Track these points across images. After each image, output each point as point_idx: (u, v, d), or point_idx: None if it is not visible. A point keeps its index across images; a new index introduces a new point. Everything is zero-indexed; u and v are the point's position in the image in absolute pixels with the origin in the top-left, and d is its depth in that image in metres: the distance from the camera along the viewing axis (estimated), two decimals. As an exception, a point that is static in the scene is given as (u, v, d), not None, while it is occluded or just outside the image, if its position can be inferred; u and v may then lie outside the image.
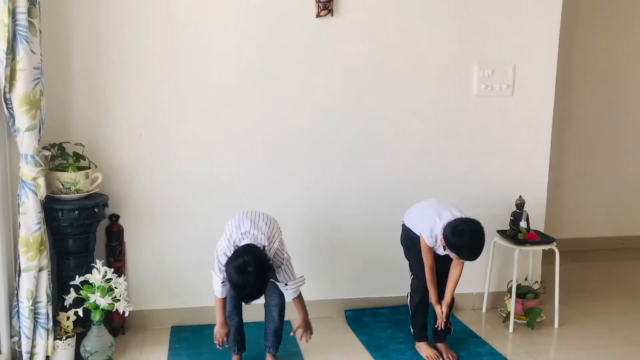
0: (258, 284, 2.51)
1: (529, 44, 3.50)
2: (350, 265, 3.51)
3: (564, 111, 4.41)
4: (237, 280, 2.49)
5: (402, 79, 3.39)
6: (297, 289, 2.78)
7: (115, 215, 3.20)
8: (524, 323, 3.40)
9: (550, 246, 3.39)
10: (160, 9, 3.11)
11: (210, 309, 3.29)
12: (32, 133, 2.64)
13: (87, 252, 3.03)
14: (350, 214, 3.46)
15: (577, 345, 3.22)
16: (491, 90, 3.49)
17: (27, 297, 2.71)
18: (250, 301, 2.58)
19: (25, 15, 2.55)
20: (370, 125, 3.40)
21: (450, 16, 3.40)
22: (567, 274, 3.67)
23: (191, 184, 3.27)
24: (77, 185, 2.94)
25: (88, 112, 3.11)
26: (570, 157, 4.68)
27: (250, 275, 2.46)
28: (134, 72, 3.13)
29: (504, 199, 3.53)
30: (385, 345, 3.17)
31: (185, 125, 3.20)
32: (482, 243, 2.79)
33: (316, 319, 3.44)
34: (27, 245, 2.69)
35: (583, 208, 4.78)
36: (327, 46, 3.29)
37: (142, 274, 3.28)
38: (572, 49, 4.47)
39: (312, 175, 3.38)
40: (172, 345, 3.14)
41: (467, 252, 2.80)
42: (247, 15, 3.19)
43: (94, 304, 2.81)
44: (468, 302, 3.64)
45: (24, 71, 2.58)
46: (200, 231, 3.28)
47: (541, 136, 3.61)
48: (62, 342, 2.82)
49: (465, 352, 3.10)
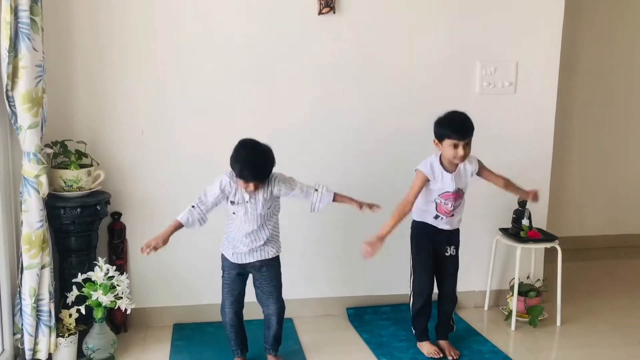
0: (262, 157, 2.57)
1: (531, 41, 3.49)
2: (352, 263, 3.51)
3: (566, 109, 4.40)
4: (241, 153, 2.56)
5: (404, 76, 3.38)
6: (326, 187, 2.76)
7: (118, 213, 3.20)
8: (526, 321, 3.40)
9: (553, 244, 3.39)
10: (162, 7, 3.11)
11: (212, 307, 3.30)
12: (34, 131, 2.65)
13: (90, 249, 3.04)
14: (352, 211, 3.44)
15: (579, 344, 3.21)
16: (493, 87, 3.48)
17: (30, 294, 2.71)
18: (260, 172, 2.57)
19: (27, 13, 2.55)
20: (372, 123, 3.39)
21: (453, 13, 3.39)
22: (570, 272, 3.66)
23: (193, 182, 3.25)
24: (80, 183, 2.94)
25: (90, 109, 3.12)
26: (573, 155, 4.67)
27: (254, 148, 2.57)
28: (135, 70, 3.13)
29: (506, 196, 3.51)
30: (387, 343, 3.17)
31: (187, 122, 3.20)
32: (467, 115, 2.84)
33: (318, 316, 3.46)
34: (29, 243, 2.69)
35: (585, 206, 4.78)
36: (329, 44, 3.28)
37: (144, 271, 3.28)
38: (575, 46, 4.45)
39: (314, 173, 3.36)
40: (174, 342, 3.15)
41: (456, 123, 2.81)
42: (249, 12, 3.19)
43: (96, 302, 2.82)
44: (470, 300, 3.64)
45: (26, 69, 2.57)
46: (202, 229, 3.27)
47: (544, 134, 3.60)
48: (65, 340, 2.83)
49: (468, 349, 3.10)
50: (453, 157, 2.83)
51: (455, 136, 2.80)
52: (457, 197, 2.92)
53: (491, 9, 3.42)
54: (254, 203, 2.66)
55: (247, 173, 2.56)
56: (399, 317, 3.43)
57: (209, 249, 3.23)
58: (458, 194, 2.92)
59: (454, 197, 2.90)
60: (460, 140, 2.80)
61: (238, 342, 2.88)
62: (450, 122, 2.84)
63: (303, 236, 3.37)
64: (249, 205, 2.66)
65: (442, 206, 2.92)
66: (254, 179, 2.58)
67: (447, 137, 2.81)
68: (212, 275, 3.18)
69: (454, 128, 2.81)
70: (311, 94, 3.31)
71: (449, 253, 3.01)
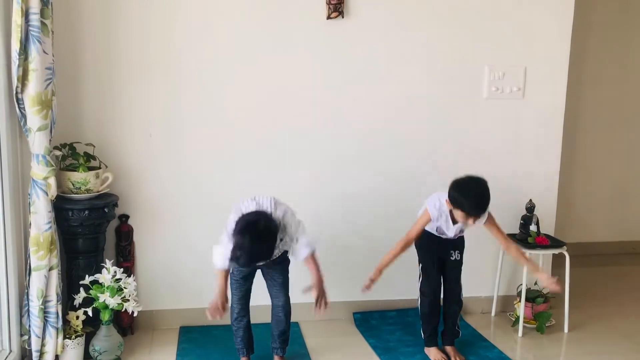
0: (266, 239, 2.50)
1: (540, 46, 3.48)
2: (358, 268, 3.49)
3: (575, 114, 4.38)
4: (244, 237, 2.46)
5: (412, 81, 3.38)
6: (311, 244, 2.69)
7: (125, 216, 3.21)
8: (533, 327, 3.38)
9: (561, 250, 3.37)
10: (171, 11, 3.12)
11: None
12: (43, 133, 2.66)
13: (97, 251, 3.04)
14: (359, 216, 3.45)
15: (586, 350, 3.19)
16: (502, 92, 3.47)
17: (37, 296, 2.72)
18: (258, 260, 2.58)
19: (37, 16, 2.56)
20: (381, 127, 3.39)
21: (461, 18, 3.39)
22: (578, 278, 3.65)
23: (201, 185, 3.27)
24: (88, 185, 2.95)
25: (99, 112, 3.13)
26: (582, 160, 4.65)
27: (258, 227, 2.47)
28: (144, 73, 3.14)
29: (514, 202, 3.51)
30: (393, 348, 3.16)
31: (195, 126, 3.21)
32: (487, 192, 2.73)
33: (324, 321, 3.45)
34: (37, 245, 2.70)
35: (594, 212, 4.75)
36: (338, 48, 3.28)
37: (151, 274, 3.29)
38: (584, 51, 4.44)
39: (321, 178, 3.38)
40: (180, 345, 3.15)
41: (473, 201, 2.72)
42: (257, 17, 3.19)
43: (103, 304, 2.82)
44: (477, 305, 3.62)
45: (36, 71, 2.59)
46: (209, 232, 3.28)
47: (552, 139, 3.59)
48: (72, 341, 2.84)
49: (474, 356, 3.09)
50: (463, 224, 2.87)
51: (469, 211, 2.75)
52: (459, 234, 2.99)
53: (499, 14, 3.41)
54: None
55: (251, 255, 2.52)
56: (406, 322, 3.42)
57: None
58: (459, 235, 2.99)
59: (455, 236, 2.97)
60: (473, 216, 2.77)
61: (245, 341, 2.88)
62: (469, 197, 2.73)
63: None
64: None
65: (443, 234, 2.97)
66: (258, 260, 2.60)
67: (460, 209, 2.76)
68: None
69: (470, 204, 2.73)
70: (319, 99, 3.31)
71: (454, 257, 3.01)
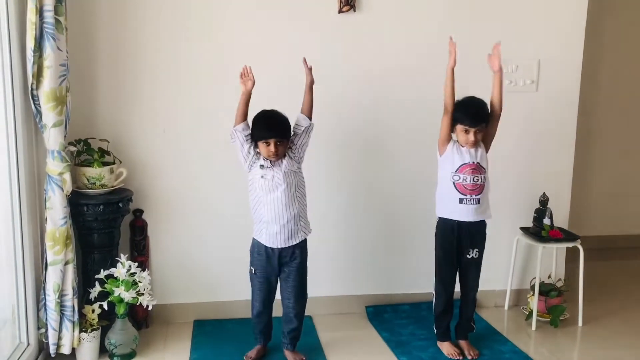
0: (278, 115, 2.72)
1: (554, 39, 3.45)
2: (371, 262, 3.51)
3: (589, 106, 4.33)
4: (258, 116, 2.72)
5: (425, 75, 3.35)
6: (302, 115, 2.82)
7: (139, 210, 3.24)
8: (547, 321, 3.37)
9: (575, 244, 3.35)
10: (184, 6, 3.13)
11: (232, 304, 3.34)
12: (58, 129, 2.68)
13: (112, 246, 3.07)
14: (373, 211, 3.46)
15: (601, 345, 3.18)
16: (515, 85, 3.45)
17: (54, 290, 2.75)
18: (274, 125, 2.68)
19: (52, 13, 2.58)
20: (394, 121, 3.38)
21: (474, 11, 3.37)
22: (592, 272, 3.62)
23: (214, 179, 3.29)
24: (102, 181, 2.98)
25: (113, 108, 3.15)
26: (596, 153, 4.61)
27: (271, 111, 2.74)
28: (158, 69, 3.16)
29: (528, 195, 3.49)
30: (406, 341, 3.16)
31: (208, 120, 3.22)
32: (482, 102, 2.87)
33: (337, 314, 3.47)
34: (53, 240, 2.74)
35: (608, 205, 4.71)
36: (349, 42, 3.28)
37: (166, 268, 3.32)
38: (599, 43, 4.39)
39: (334, 172, 3.39)
40: (194, 338, 3.18)
41: (470, 113, 2.83)
42: (269, 11, 3.20)
43: (119, 298, 2.85)
44: (490, 299, 3.62)
45: (51, 68, 2.61)
46: (223, 226, 3.31)
47: (566, 132, 3.56)
48: (88, 335, 2.87)
49: (488, 349, 3.09)
50: (464, 142, 2.87)
51: (467, 122, 2.83)
52: (476, 170, 2.87)
53: (513, 7, 3.39)
54: (279, 165, 2.72)
55: (265, 132, 2.66)
56: (419, 316, 3.42)
57: (230, 246, 3.26)
58: (476, 167, 2.88)
59: (472, 168, 2.87)
60: (472, 127, 2.82)
61: (263, 332, 2.92)
62: (465, 107, 2.87)
63: (324, 235, 3.37)
64: (275, 168, 2.72)
65: (462, 184, 2.88)
66: (273, 137, 2.66)
67: (460, 122, 2.85)
68: (233, 272, 3.21)
69: (467, 114, 2.84)
70: (332, 94, 3.30)
71: (470, 256, 2.97)
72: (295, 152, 2.77)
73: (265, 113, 2.75)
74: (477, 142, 2.87)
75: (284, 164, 2.73)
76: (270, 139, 2.67)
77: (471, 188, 2.87)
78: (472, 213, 2.90)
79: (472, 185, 2.87)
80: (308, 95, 2.82)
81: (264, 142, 2.69)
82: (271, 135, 2.67)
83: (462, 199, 2.88)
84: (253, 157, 2.73)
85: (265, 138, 2.67)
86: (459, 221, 2.92)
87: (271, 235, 2.75)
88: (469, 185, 2.87)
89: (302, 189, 2.81)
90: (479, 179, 2.88)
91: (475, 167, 2.87)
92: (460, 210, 2.90)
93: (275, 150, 2.67)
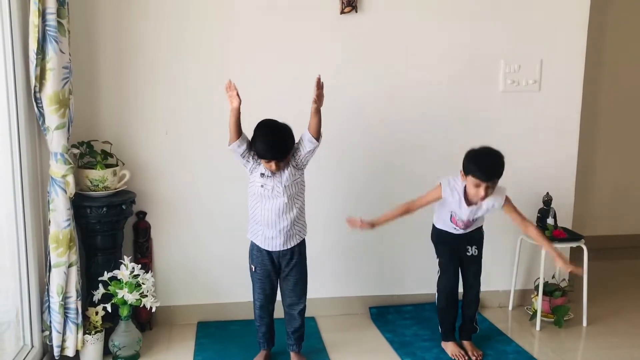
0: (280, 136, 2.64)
1: (556, 38, 3.45)
2: (375, 263, 3.51)
3: (592, 106, 4.33)
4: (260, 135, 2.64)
5: (427, 75, 3.36)
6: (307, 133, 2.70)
7: (143, 212, 3.24)
8: (551, 321, 3.36)
9: (578, 243, 3.35)
10: (185, 9, 3.13)
11: (236, 305, 3.34)
12: (61, 131, 2.69)
13: (115, 248, 3.08)
14: (376, 211, 3.45)
15: (605, 345, 3.17)
16: (517, 85, 3.45)
17: (58, 292, 2.76)
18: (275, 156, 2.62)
19: (54, 16, 2.59)
20: (395, 122, 3.38)
21: (476, 11, 3.36)
22: (596, 272, 3.61)
23: (217, 181, 3.29)
24: (105, 183, 2.98)
25: (115, 110, 3.16)
26: (599, 153, 4.60)
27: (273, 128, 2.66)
28: (160, 71, 3.16)
29: (531, 195, 3.48)
30: (410, 342, 3.16)
31: (211, 122, 3.22)
32: (500, 159, 2.71)
33: (341, 315, 3.46)
34: (57, 242, 2.74)
35: (612, 205, 4.70)
36: (351, 43, 3.28)
37: (169, 270, 3.32)
38: (601, 43, 4.39)
39: (337, 173, 3.38)
40: (198, 340, 3.18)
41: (484, 166, 2.69)
42: (270, 12, 3.20)
43: (122, 300, 2.85)
44: (494, 299, 3.61)
45: (53, 71, 2.62)
46: (226, 228, 3.30)
47: (569, 132, 3.56)
48: (91, 337, 2.87)
49: (492, 350, 3.08)
50: (474, 196, 2.78)
51: (480, 176, 2.69)
52: (469, 224, 2.91)
53: (515, 6, 3.38)
54: (279, 176, 2.70)
55: (266, 153, 2.63)
56: (422, 317, 3.42)
57: (233, 248, 3.26)
58: (470, 222, 2.91)
59: (466, 223, 2.90)
60: (484, 182, 2.71)
61: (266, 336, 2.90)
62: (479, 160, 2.72)
63: (327, 236, 3.37)
64: (275, 179, 2.70)
65: (457, 220, 2.91)
66: (273, 158, 2.64)
67: (472, 175, 2.72)
68: (236, 273, 3.21)
69: (481, 168, 2.70)
70: (333, 95, 3.30)
71: (470, 253, 2.98)
72: (299, 162, 2.73)
73: (267, 131, 2.64)
74: (487, 196, 2.74)
75: (284, 175, 2.70)
76: (271, 160, 2.65)
77: (465, 224, 2.92)
78: (468, 229, 2.95)
79: (466, 224, 2.91)
80: (315, 119, 2.67)
81: (265, 160, 2.67)
82: (272, 157, 2.64)
83: (455, 228, 2.94)
84: (253, 164, 2.72)
85: (266, 159, 2.66)
86: (452, 233, 2.97)
87: (267, 238, 2.76)
88: (463, 223, 2.91)
89: (301, 195, 2.79)
90: (474, 223, 2.94)
91: (468, 223, 2.91)
92: (455, 229, 2.95)
93: (276, 168, 2.67)
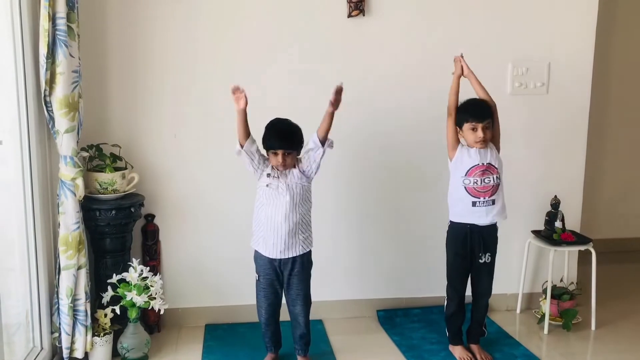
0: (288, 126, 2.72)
1: (564, 41, 3.44)
2: (382, 266, 3.51)
3: (600, 109, 4.32)
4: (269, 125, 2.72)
5: (435, 79, 3.33)
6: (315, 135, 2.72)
7: (151, 215, 3.26)
8: (559, 324, 3.35)
9: (587, 247, 3.33)
10: (194, 12, 3.15)
11: (244, 308, 3.34)
12: (71, 135, 2.71)
13: (124, 250, 3.09)
14: (383, 214, 3.45)
15: (614, 348, 3.15)
16: (525, 88, 3.44)
17: (67, 294, 2.77)
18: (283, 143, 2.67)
19: (64, 20, 2.61)
20: (404, 126, 3.38)
21: (484, 14, 3.36)
22: (605, 275, 3.59)
23: (226, 184, 3.30)
24: (114, 186, 3.00)
25: (124, 114, 3.18)
26: (607, 156, 4.58)
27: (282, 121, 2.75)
28: (168, 75, 3.18)
29: (539, 198, 3.48)
30: (417, 345, 3.16)
31: (219, 125, 3.23)
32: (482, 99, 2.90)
33: (348, 318, 3.46)
34: (66, 244, 2.76)
35: (621, 208, 4.68)
36: (359, 47, 3.29)
37: (177, 272, 3.33)
38: (610, 46, 4.37)
39: (345, 176, 3.39)
40: (206, 342, 3.19)
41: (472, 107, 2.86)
42: (278, 15, 3.21)
43: (131, 302, 2.87)
44: (502, 303, 3.60)
45: (63, 74, 2.64)
46: (234, 230, 3.31)
47: (577, 134, 3.55)
48: (100, 339, 2.89)
49: (500, 353, 3.07)
50: (474, 142, 2.85)
51: (473, 119, 2.83)
52: (486, 171, 2.85)
53: (523, 9, 3.38)
54: (285, 176, 2.72)
55: (274, 141, 2.67)
56: (430, 320, 3.41)
57: (241, 250, 3.26)
58: (487, 168, 2.86)
59: (481, 170, 2.85)
60: (478, 122, 2.82)
61: (273, 339, 2.91)
62: (467, 106, 2.89)
63: (335, 239, 3.38)
64: (281, 178, 2.71)
65: (473, 187, 2.86)
66: (281, 147, 2.66)
67: (466, 121, 2.85)
68: (244, 276, 3.22)
69: (471, 111, 2.86)
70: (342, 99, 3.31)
71: (483, 260, 2.95)
72: (306, 168, 2.74)
73: (277, 123, 2.75)
74: (486, 139, 2.85)
75: (290, 176, 2.73)
76: (278, 150, 2.68)
77: (483, 190, 2.86)
78: (487, 215, 2.88)
79: (483, 187, 2.86)
80: (326, 122, 2.70)
81: (273, 151, 2.70)
82: (280, 146, 2.68)
83: (475, 202, 2.87)
84: (262, 166, 2.74)
85: (274, 148, 2.69)
86: (471, 225, 2.90)
87: (268, 245, 2.76)
88: (480, 187, 2.86)
89: (306, 203, 2.78)
90: (490, 180, 2.86)
91: (485, 169, 2.86)
92: (474, 213, 2.88)
93: (282, 161, 2.68)
